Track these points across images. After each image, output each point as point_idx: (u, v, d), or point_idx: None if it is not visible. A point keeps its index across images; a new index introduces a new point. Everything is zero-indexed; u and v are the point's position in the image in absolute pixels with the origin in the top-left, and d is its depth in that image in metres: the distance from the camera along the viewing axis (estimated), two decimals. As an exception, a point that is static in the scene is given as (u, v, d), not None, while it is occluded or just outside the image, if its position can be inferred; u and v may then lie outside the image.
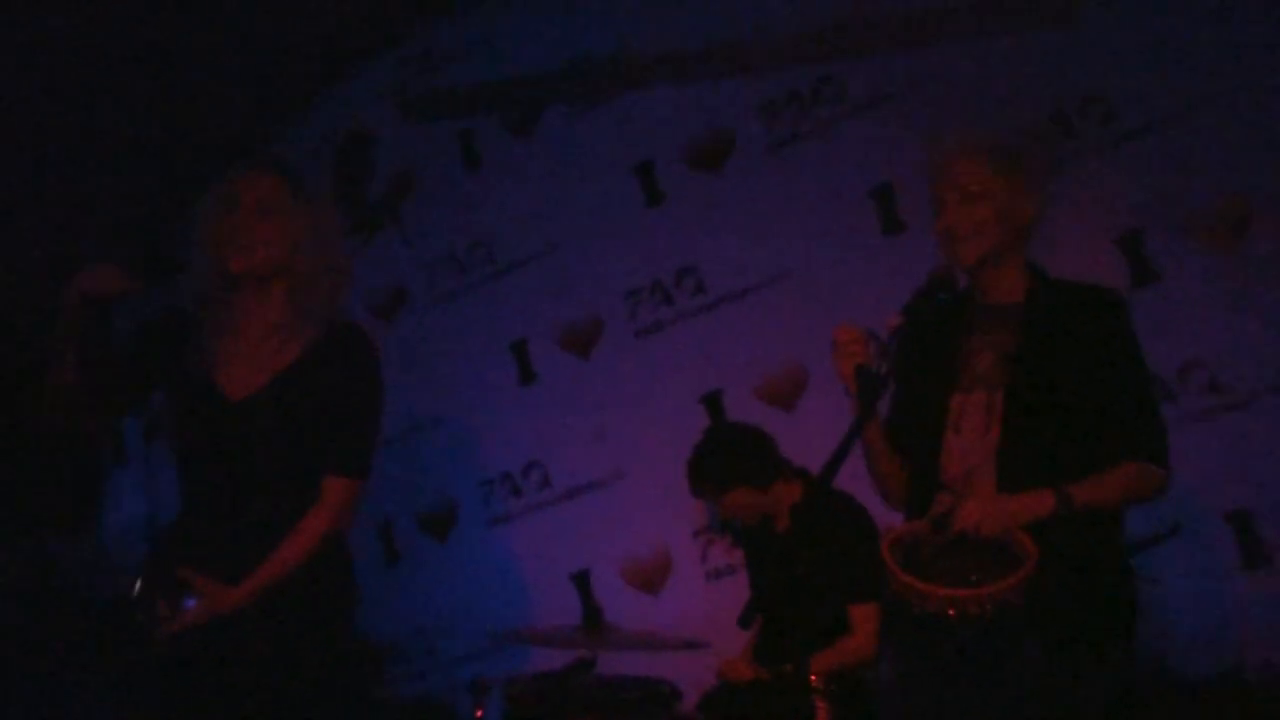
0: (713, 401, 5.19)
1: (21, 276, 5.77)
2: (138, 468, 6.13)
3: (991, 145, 3.04)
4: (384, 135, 6.09)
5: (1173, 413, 4.30)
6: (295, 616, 3.07)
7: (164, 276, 3.10)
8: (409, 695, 4.62)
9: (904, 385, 3.12)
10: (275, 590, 3.03)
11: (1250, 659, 4.21)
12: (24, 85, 5.15)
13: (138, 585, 3.00)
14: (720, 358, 5.20)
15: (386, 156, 6.08)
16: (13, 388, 5.85)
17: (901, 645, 3.03)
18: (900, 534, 2.87)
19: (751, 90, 5.21)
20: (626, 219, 5.44)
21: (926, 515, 2.93)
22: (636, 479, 5.29)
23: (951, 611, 2.72)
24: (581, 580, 5.36)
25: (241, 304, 3.17)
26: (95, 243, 5.60)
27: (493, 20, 5.82)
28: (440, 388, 5.76)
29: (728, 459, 4.34)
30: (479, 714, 3.93)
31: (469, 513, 5.71)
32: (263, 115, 6.01)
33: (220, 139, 5.49)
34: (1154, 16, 4.51)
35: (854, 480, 3.25)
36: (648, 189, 5.42)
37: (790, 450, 4.45)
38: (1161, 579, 4.05)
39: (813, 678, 3.79)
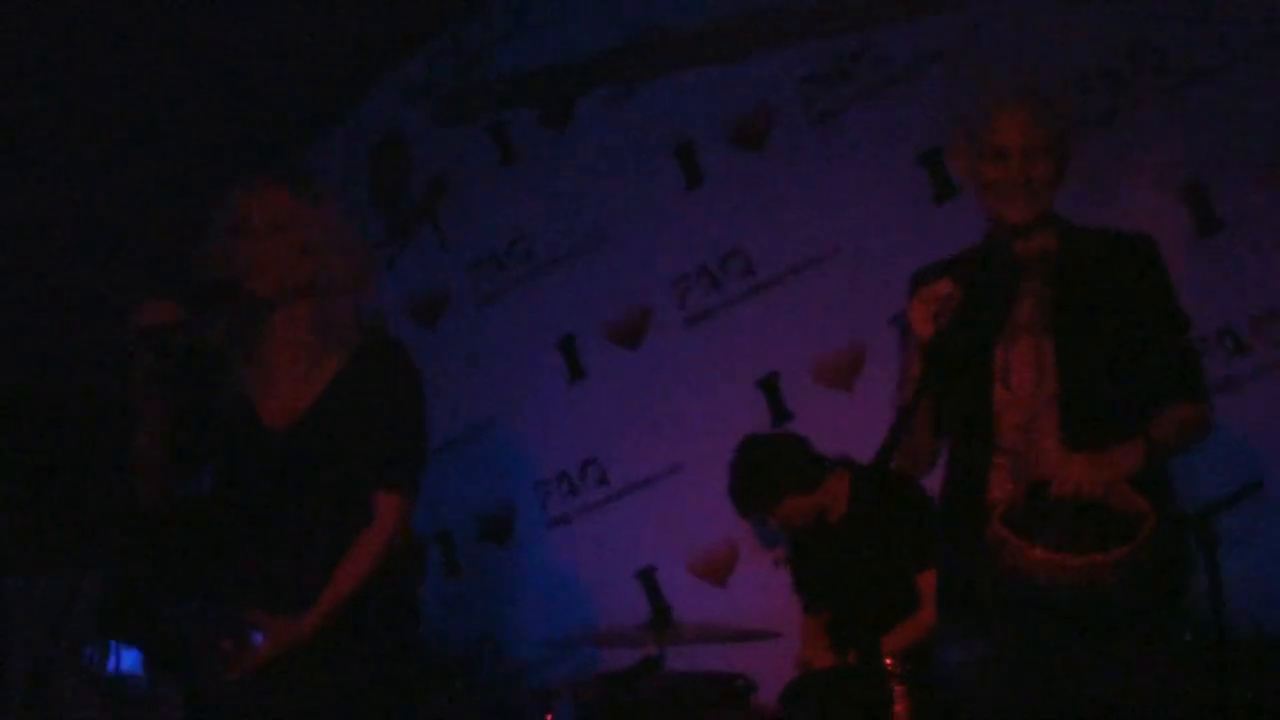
0: (770, 386, 5.08)
1: (65, 302, 5.76)
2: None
3: (1046, 92, 2.98)
4: (417, 137, 6.03)
5: (1247, 365, 4.20)
6: (356, 633, 3.01)
7: (218, 300, 3.02)
8: (477, 706, 4.56)
9: (944, 344, 3.01)
10: (339, 614, 2.97)
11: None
12: (52, 100, 5.13)
13: (194, 622, 2.95)
14: (774, 340, 5.08)
15: (421, 158, 6.02)
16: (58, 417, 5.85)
17: (979, 626, 2.93)
18: (1004, 507, 2.76)
19: (789, 63, 5.09)
20: (669, 204, 5.34)
21: (974, 482, 2.89)
22: (696, 470, 5.17)
23: (1086, 580, 2.62)
24: (647, 577, 5.26)
25: (268, 326, 3.10)
26: (131, 262, 5.59)
27: (521, 12, 5.74)
28: (489, 390, 5.69)
29: (770, 474, 4.32)
30: (549, 718, 3.87)
31: (527, 516, 5.62)
32: (293, 123, 5.97)
33: (251, 150, 5.44)
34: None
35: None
36: (689, 172, 5.31)
37: (853, 431, 4.37)
38: (1248, 538, 3.94)
39: (888, 662, 3.68)
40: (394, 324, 5.60)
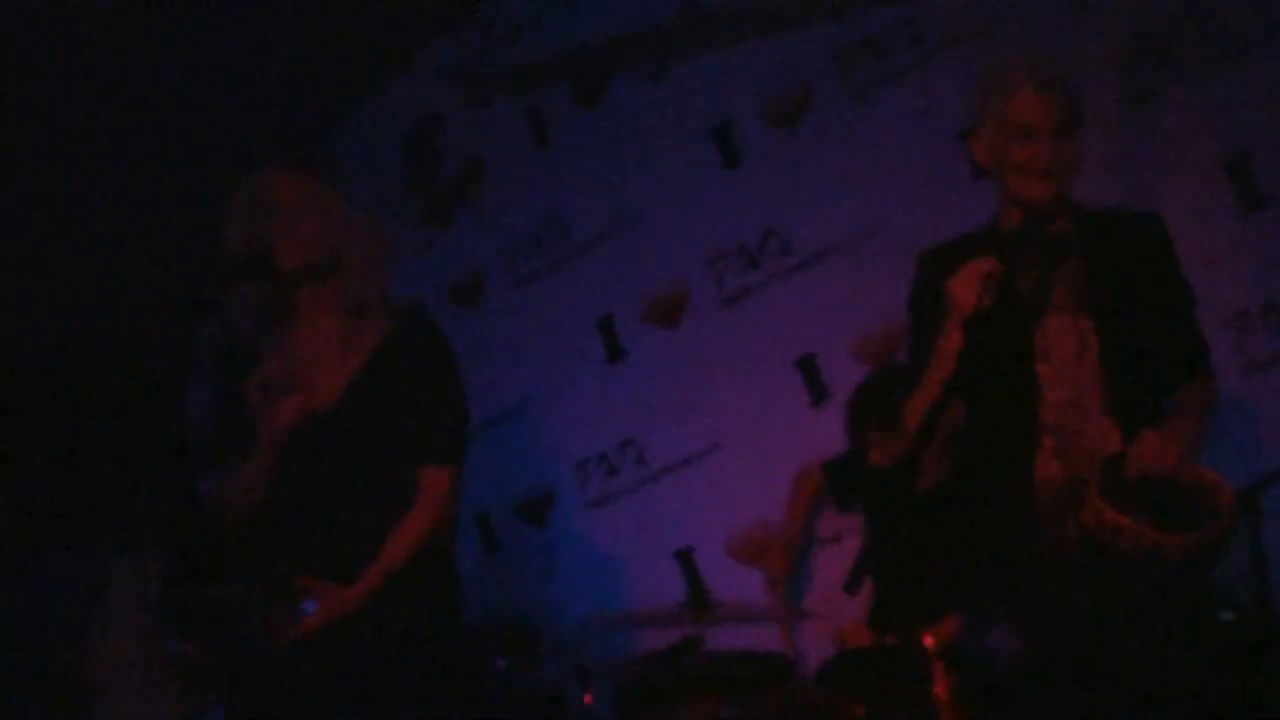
0: (807, 365, 5.05)
1: (101, 292, 5.80)
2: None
3: (1065, 78, 3.02)
4: (450, 120, 6.01)
5: (1291, 343, 4.15)
6: (402, 608, 3.06)
7: (249, 275, 3.05)
8: (517, 684, 4.57)
9: (977, 327, 3.00)
10: (387, 588, 2.99)
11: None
12: (74, 88, 5.15)
13: (245, 594, 2.98)
14: (813, 320, 5.04)
15: (455, 140, 6.00)
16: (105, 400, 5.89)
17: (1018, 607, 2.95)
18: (1096, 486, 2.77)
19: (825, 39, 5.03)
20: (705, 183, 5.30)
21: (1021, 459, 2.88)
22: (734, 450, 5.16)
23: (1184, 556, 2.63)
24: (685, 557, 5.25)
25: (299, 306, 3.13)
26: (171, 255, 5.62)
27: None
28: (527, 371, 5.68)
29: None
30: (588, 699, 3.87)
31: (566, 496, 5.62)
32: (324, 106, 5.97)
33: (281, 132, 5.45)
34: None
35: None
36: (725, 151, 5.27)
37: (892, 410, 4.30)
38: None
39: (929, 641, 3.66)
40: (433, 306, 5.60)
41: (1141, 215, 3.09)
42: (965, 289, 2.87)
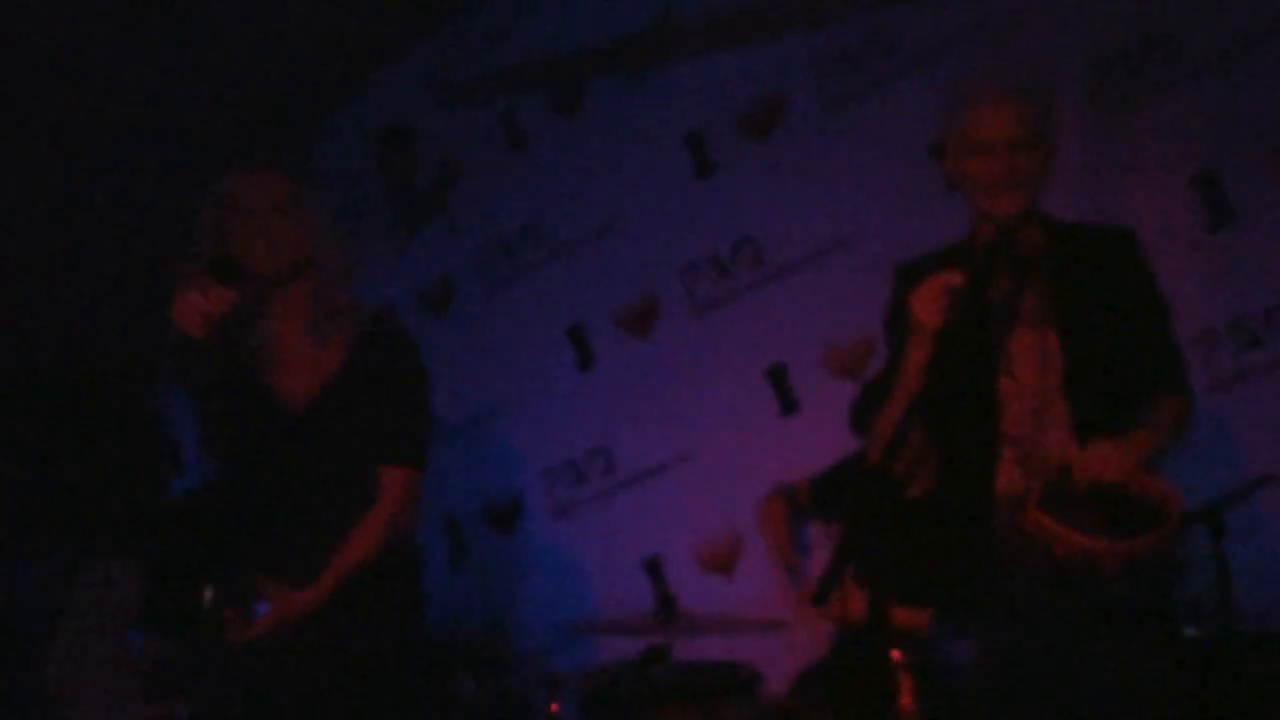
0: (777, 376, 5.05)
1: (71, 285, 5.76)
2: (194, 475, 6.09)
3: (1031, 88, 2.98)
4: (426, 124, 6.00)
5: (1259, 358, 4.16)
6: (366, 614, 3.06)
7: (227, 276, 3.03)
8: (482, 691, 4.56)
9: (943, 340, 2.99)
10: (345, 589, 2.98)
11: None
12: (49, 87, 5.12)
13: (207, 594, 2.97)
14: (784, 330, 5.05)
15: (431, 144, 5.99)
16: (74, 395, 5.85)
17: (982, 618, 2.97)
18: (1037, 494, 2.76)
19: (799, 50, 5.04)
20: (679, 192, 5.30)
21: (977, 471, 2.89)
22: (704, 459, 5.17)
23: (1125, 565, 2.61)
24: (653, 566, 5.25)
25: (270, 307, 3.13)
26: (146, 255, 5.58)
27: (531, -1, 5.72)
28: (497, 377, 5.67)
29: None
30: (554, 708, 3.86)
31: (534, 503, 5.61)
32: (300, 109, 5.95)
33: (257, 134, 5.43)
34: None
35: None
36: (698, 160, 5.27)
37: (862, 421, 4.30)
38: (1257, 531, 3.93)
39: (895, 653, 3.66)
40: (403, 311, 5.57)
41: (1113, 229, 3.08)
42: (926, 304, 2.87)
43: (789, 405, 5.01)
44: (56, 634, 4.87)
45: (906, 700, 3.48)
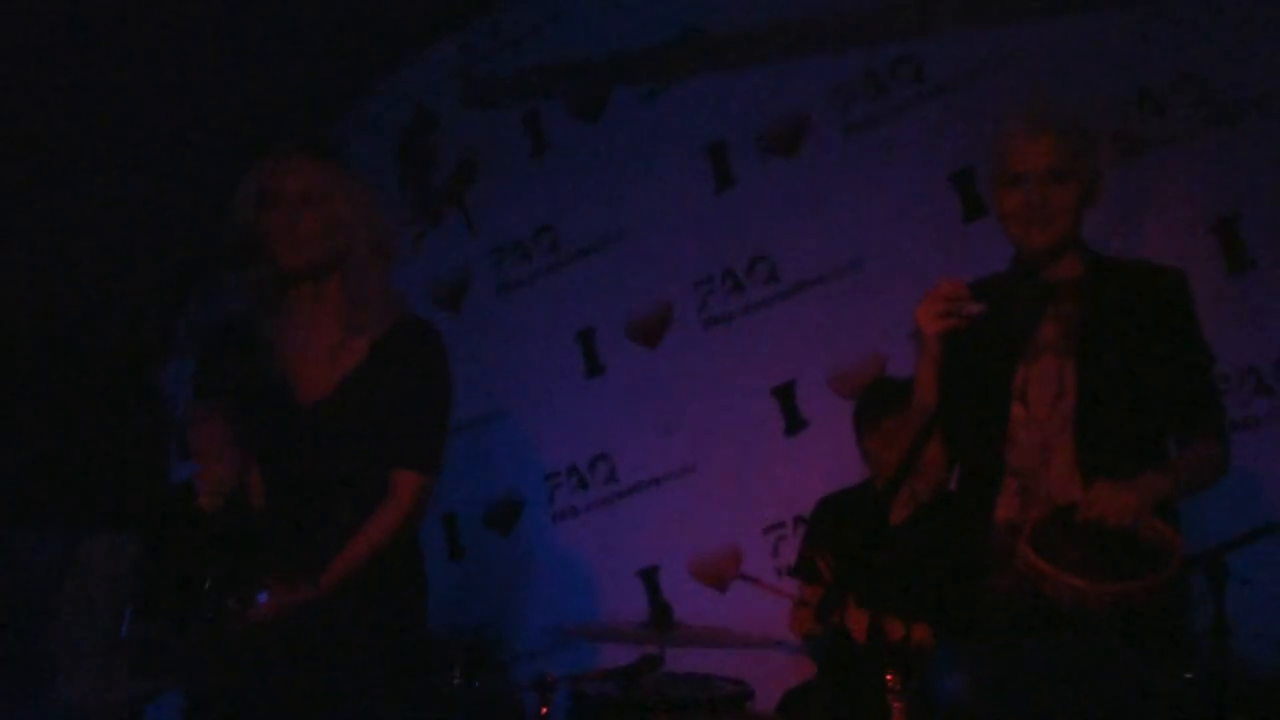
0: (785, 394, 5.05)
1: (81, 263, 5.76)
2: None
3: (1069, 122, 2.97)
4: (448, 120, 6.00)
5: (1268, 406, 4.16)
6: (366, 611, 3.05)
7: (243, 262, 3.02)
8: (473, 691, 4.54)
9: (961, 361, 2.99)
10: (348, 585, 2.98)
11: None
12: (66, 81, 5.12)
13: (207, 581, 2.96)
14: (793, 348, 5.05)
15: (451, 142, 5.99)
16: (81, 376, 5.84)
17: (978, 646, 2.95)
18: (1029, 529, 2.75)
19: (826, 71, 5.05)
20: (697, 205, 5.30)
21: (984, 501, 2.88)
22: (706, 473, 5.16)
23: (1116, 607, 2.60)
24: (649, 576, 5.24)
25: (298, 299, 3.10)
26: (158, 238, 5.59)
27: (561, 1, 5.71)
28: (505, 379, 5.66)
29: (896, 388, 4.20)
30: (544, 711, 3.84)
31: (534, 507, 5.60)
32: (324, 101, 5.95)
33: (281, 124, 5.43)
34: (1249, -9, 4.34)
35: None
36: (719, 173, 5.28)
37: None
38: (1255, 579, 3.91)
39: (889, 678, 3.65)
40: (415, 306, 5.57)
41: (1162, 269, 3.02)
42: (928, 315, 2.89)
43: (795, 424, 5.01)
44: (55, 607, 4.87)
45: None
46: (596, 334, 5.52)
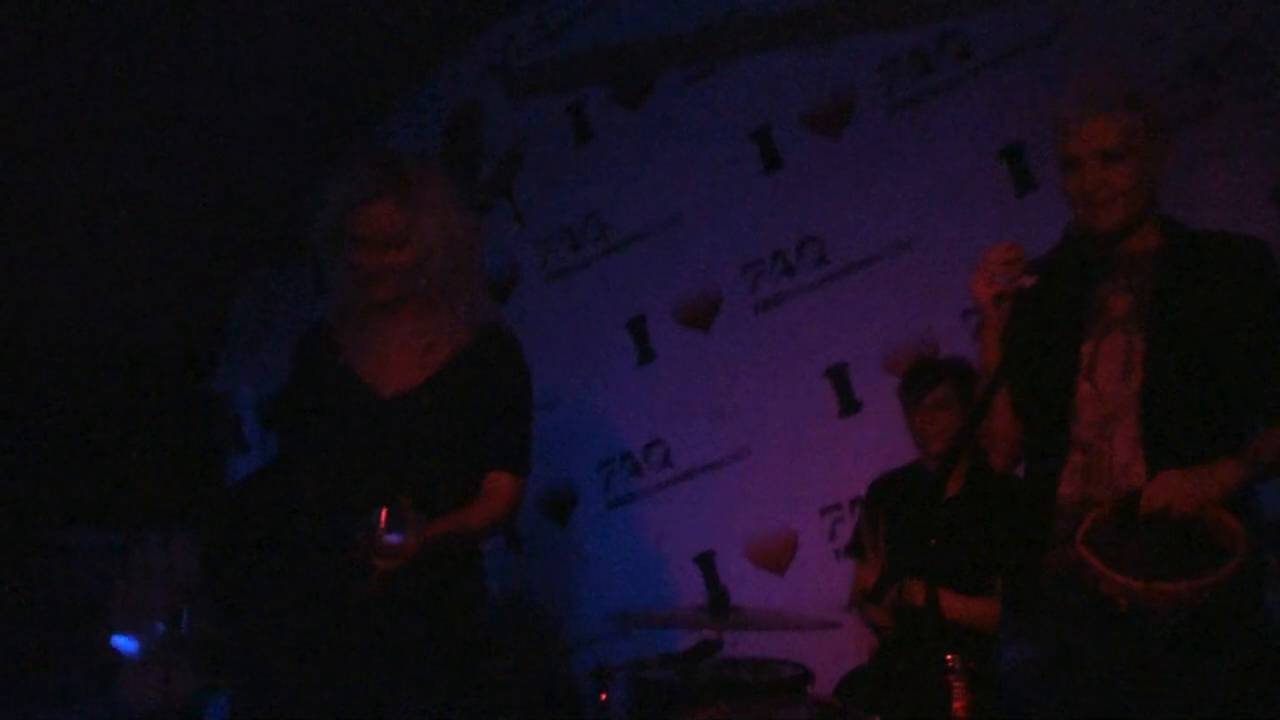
0: (838, 375, 5.02)
1: (140, 263, 5.82)
2: (257, 455, 6.14)
3: (1128, 97, 2.88)
4: (493, 111, 6.00)
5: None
6: (425, 604, 3.06)
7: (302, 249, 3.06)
8: (532, 680, 4.56)
9: (1028, 335, 2.95)
10: (408, 579, 2.94)
11: None
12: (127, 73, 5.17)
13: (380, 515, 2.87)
14: (845, 330, 5.02)
15: (496, 132, 5.99)
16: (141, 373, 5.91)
17: (1041, 625, 2.91)
18: (1088, 524, 2.69)
19: (871, 49, 5.01)
20: (744, 188, 5.28)
21: (1050, 478, 2.84)
22: (760, 456, 5.15)
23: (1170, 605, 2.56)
24: (705, 561, 5.23)
25: (382, 315, 3.14)
26: (208, 238, 5.63)
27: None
28: (557, 368, 5.64)
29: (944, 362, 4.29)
30: (604, 698, 3.85)
31: (589, 494, 5.61)
32: (371, 94, 5.97)
33: (330, 118, 5.46)
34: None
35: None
36: (766, 156, 5.25)
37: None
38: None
39: (949, 657, 3.63)
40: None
41: (1245, 240, 2.91)
42: (981, 282, 2.89)
43: (849, 405, 4.98)
44: (113, 603, 4.92)
45: (959, 705, 3.46)
46: (647, 320, 5.51)
